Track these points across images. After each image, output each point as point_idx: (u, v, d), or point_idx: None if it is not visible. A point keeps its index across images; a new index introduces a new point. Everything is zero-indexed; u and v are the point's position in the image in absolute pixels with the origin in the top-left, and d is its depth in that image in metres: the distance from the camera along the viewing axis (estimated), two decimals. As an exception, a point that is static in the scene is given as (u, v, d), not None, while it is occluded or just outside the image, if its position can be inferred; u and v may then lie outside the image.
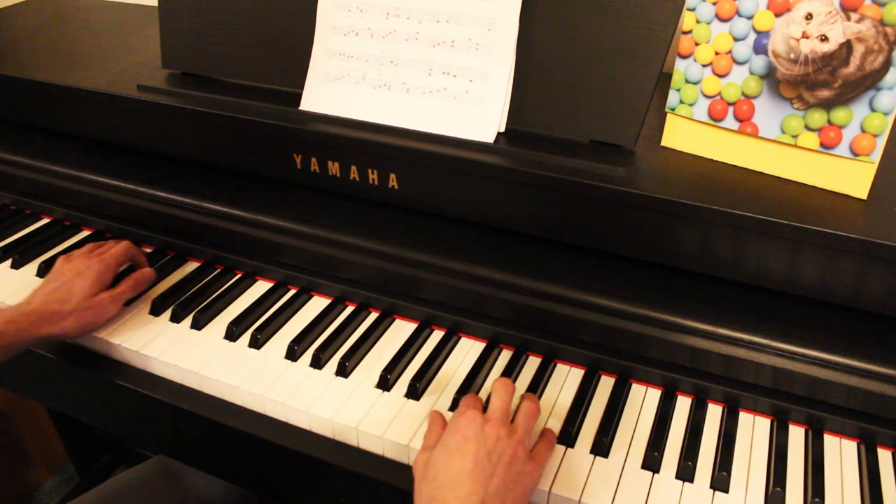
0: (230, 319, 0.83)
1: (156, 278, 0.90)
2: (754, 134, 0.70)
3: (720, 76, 0.71)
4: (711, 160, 0.75)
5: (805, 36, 0.63)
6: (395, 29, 0.80)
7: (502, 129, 0.78)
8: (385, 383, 0.75)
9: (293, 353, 0.78)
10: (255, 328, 0.81)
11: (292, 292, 0.88)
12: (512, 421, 0.64)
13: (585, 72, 0.74)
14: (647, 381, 0.76)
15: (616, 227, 0.72)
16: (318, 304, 0.87)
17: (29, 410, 1.56)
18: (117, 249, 0.87)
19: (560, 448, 0.68)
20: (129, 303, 0.86)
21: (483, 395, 0.73)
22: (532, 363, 0.78)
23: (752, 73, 0.69)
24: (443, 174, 0.78)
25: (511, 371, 0.76)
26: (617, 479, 0.66)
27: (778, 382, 0.69)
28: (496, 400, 0.65)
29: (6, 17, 1.27)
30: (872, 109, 0.63)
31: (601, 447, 0.68)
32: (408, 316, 0.84)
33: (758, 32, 0.67)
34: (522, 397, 0.69)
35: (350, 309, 0.85)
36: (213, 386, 0.76)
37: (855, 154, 0.66)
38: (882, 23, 0.60)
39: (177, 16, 0.92)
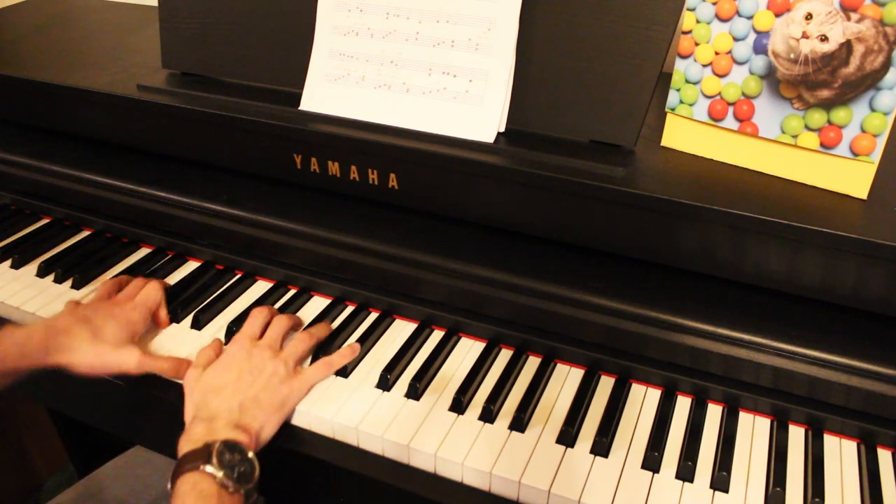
0: (230, 319, 0.83)
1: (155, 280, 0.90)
2: (754, 134, 0.70)
3: (720, 76, 0.71)
4: (711, 160, 0.75)
5: (805, 36, 0.63)
6: (395, 29, 0.80)
7: (502, 129, 0.78)
8: (385, 383, 0.75)
9: (293, 353, 0.78)
10: (255, 328, 0.81)
11: (292, 292, 0.88)
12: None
13: (585, 72, 0.74)
14: (647, 381, 0.76)
15: (616, 227, 0.72)
16: (318, 304, 0.87)
17: (29, 410, 1.56)
18: (156, 298, 0.82)
19: (560, 448, 0.68)
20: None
21: (482, 393, 0.73)
22: (532, 363, 0.78)
23: (752, 73, 0.69)
24: (443, 174, 0.78)
25: (511, 371, 0.76)
26: (617, 479, 0.66)
27: (778, 382, 0.69)
28: (270, 330, 0.78)
29: (6, 17, 1.27)
30: (872, 109, 0.63)
31: (601, 447, 0.68)
32: (408, 316, 0.84)
33: (758, 32, 0.67)
34: (307, 330, 0.79)
35: (350, 309, 0.85)
36: (213, 386, 0.76)
37: (855, 154, 0.66)
38: (882, 23, 0.60)
39: (177, 16, 0.92)
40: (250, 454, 0.64)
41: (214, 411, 0.68)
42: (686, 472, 0.66)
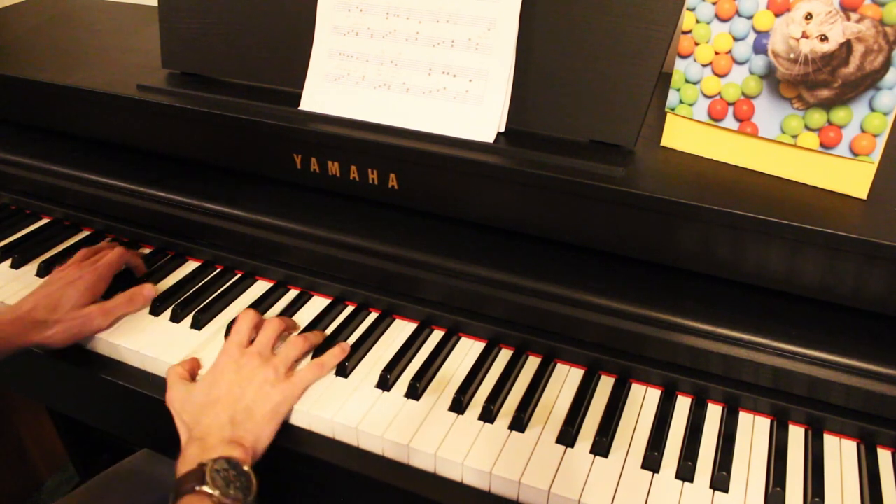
0: (230, 319, 0.83)
1: (156, 281, 0.90)
2: (754, 134, 0.70)
3: (720, 76, 0.71)
4: (711, 160, 0.75)
5: (805, 36, 0.63)
6: (395, 29, 0.80)
7: (502, 129, 0.78)
8: (385, 383, 0.75)
9: (293, 353, 0.78)
10: (255, 328, 0.81)
11: (292, 292, 0.88)
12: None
13: (585, 72, 0.74)
14: (647, 381, 0.76)
15: (616, 227, 0.72)
16: (318, 304, 0.87)
17: (29, 410, 1.56)
18: (111, 257, 0.85)
19: (560, 448, 0.68)
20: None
21: (481, 393, 0.73)
22: (532, 363, 0.78)
23: (751, 72, 0.69)
24: (443, 174, 0.78)
25: (511, 371, 0.76)
26: (617, 479, 0.66)
27: (778, 382, 0.69)
28: (261, 335, 0.77)
29: (6, 17, 1.27)
30: (872, 109, 0.63)
31: (601, 447, 0.68)
32: (408, 316, 0.84)
33: (758, 32, 0.67)
34: (302, 335, 0.79)
35: (350, 309, 0.85)
36: (213, 386, 0.76)
37: (855, 154, 0.66)
38: (882, 23, 0.60)
39: (177, 16, 0.92)
40: (246, 467, 0.64)
41: (206, 429, 0.67)
42: (686, 472, 0.66)
